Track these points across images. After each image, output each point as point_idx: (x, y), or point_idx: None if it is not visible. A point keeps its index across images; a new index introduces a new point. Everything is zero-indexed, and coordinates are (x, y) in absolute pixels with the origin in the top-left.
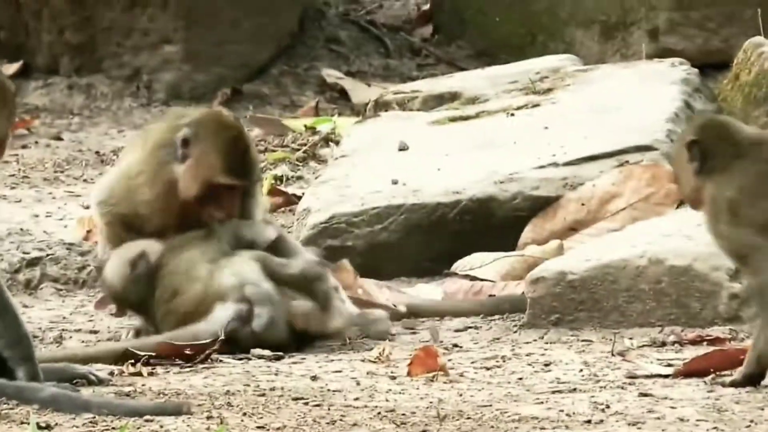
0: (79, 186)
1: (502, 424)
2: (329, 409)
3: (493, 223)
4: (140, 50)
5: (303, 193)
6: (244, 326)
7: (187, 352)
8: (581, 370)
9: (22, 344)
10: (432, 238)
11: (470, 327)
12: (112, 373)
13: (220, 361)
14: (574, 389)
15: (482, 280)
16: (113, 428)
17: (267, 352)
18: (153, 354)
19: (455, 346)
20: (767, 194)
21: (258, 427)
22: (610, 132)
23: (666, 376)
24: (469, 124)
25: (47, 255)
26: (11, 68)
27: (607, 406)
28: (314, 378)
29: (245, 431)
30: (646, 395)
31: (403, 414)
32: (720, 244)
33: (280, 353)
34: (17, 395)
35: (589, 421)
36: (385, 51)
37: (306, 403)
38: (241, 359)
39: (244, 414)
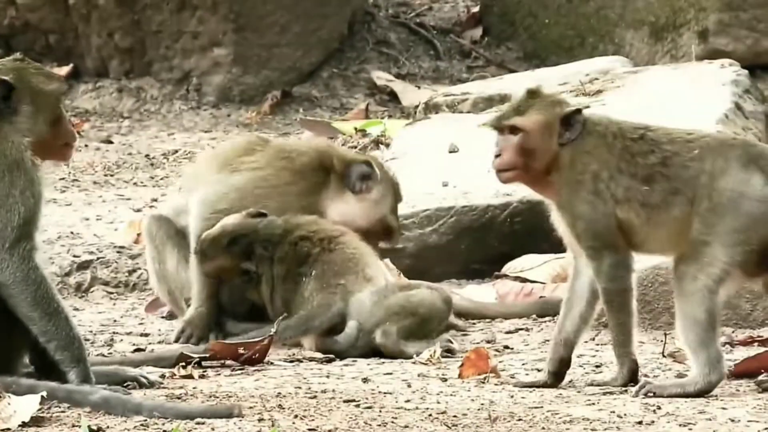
0: (129, 189)
1: (553, 426)
2: (380, 412)
3: (542, 225)
4: (190, 53)
5: None
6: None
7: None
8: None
9: (73, 347)
10: (482, 240)
11: (521, 329)
12: (163, 376)
13: (271, 363)
14: (625, 390)
15: (533, 282)
16: (164, 431)
17: (318, 355)
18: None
19: (506, 347)
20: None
21: (309, 429)
22: None
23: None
24: None
25: (97, 258)
26: (61, 72)
27: (658, 407)
28: (365, 380)
29: None
30: (709, 396)
31: (455, 416)
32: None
33: (331, 356)
34: (68, 398)
35: (640, 422)
36: (435, 53)
37: (357, 405)
38: (292, 362)
39: (296, 416)
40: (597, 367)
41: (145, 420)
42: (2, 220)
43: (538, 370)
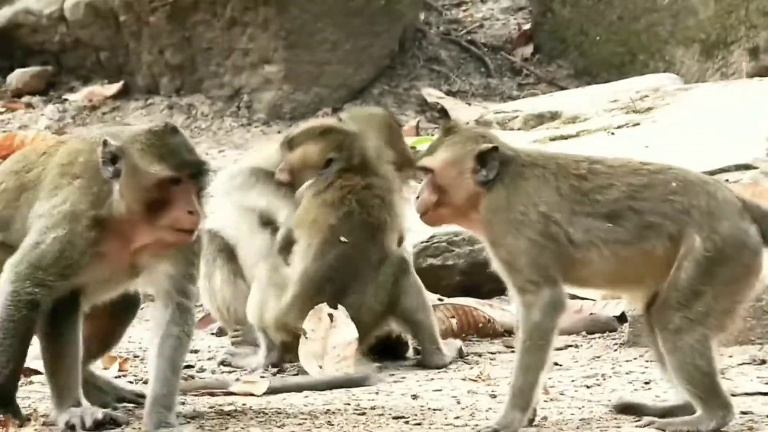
0: None
1: None
2: (430, 428)
3: None
4: (240, 70)
5: None
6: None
7: None
8: None
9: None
10: None
11: (570, 345)
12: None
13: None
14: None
15: (582, 298)
16: None
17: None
18: None
19: (555, 364)
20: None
21: None
22: (710, 150)
23: (766, 394)
24: (570, 143)
25: None
26: (112, 89)
27: None
28: (414, 397)
29: None
30: (745, 413)
31: None
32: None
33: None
34: None
35: None
36: (486, 70)
37: (406, 422)
38: None
39: None
40: (646, 383)
41: None
42: (33, 252)
43: (587, 387)
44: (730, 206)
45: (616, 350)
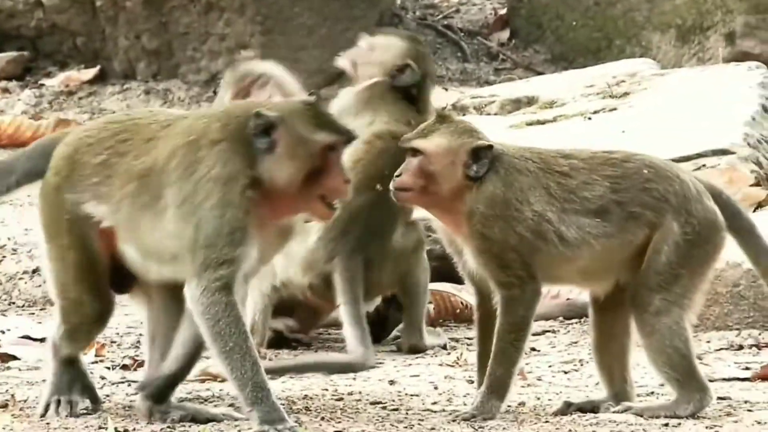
0: None
1: (579, 428)
2: (407, 413)
3: None
4: (217, 55)
5: None
6: None
7: None
8: None
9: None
10: None
11: (548, 331)
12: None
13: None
14: (652, 392)
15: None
16: None
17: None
18: None
19: (533, 349)
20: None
21: None
22: (687, 135)
23: (744, 380)
24: (547, 128)
25: None
26: (88, 74)
27: None
28: (392, 382)
29: None
30: (723, 398)
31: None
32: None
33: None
34: None
35: (666, 425)
36: (462, 55)
37: (384, 407)
38: None
39: (322, 418)
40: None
41: (172, 424)
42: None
43: (565, 372)
44: (698, 187)
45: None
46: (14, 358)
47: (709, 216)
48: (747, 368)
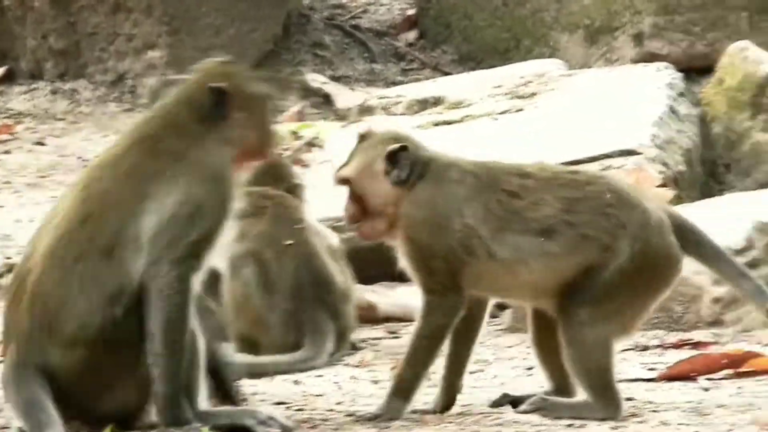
0: (63, 191)
1: (483, 429)
2: (312, 414)
3: None
4: (124, 55)
5: None
6: None
7: None
8: None
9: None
10: None
11: None
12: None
13: None
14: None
15: None
16: None
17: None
18: None
19: None
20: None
21: None
22: (594, 136)
23: (649, 380)
24: (454, 129)
25: None
26: None
27: None
28: (296, 382)
29: None
30: (628, 399)
31: None
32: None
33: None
34: None
35: (571, 425)
36: (370, 55)
37: (288, 408)
38: None
39: None
40: (528, 369)
41: None
42: (181, 232)
43: (470, 373)
44: (661, 220)
45: (498, 336)
46: None
47: (664, 249)
48: (652, 369)
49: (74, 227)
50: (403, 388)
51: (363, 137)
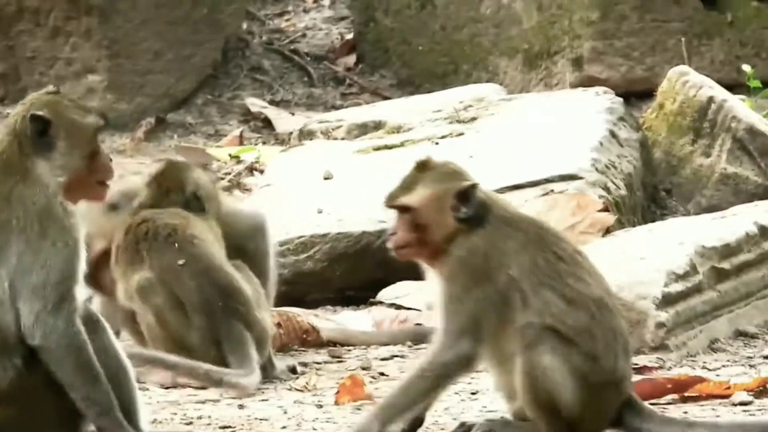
0: None
1: None
2: None
3: None
4: (64, 79)
5: None
6: None
7: None
8: None
9: (113, 412)
10: (357, 266)
11: (396, 356)
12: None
13: (147, 389)
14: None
15: (408, 309)
16: None
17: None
18: None
19: (382, 374)
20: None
21: None
22: (535, 161)
23: None
24: (394, 153)
25: None
26: None
27: None
28: (241, 407)
29: None
30: None
31: None
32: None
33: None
34: None
35: None
36: (309, 80)
37: (233, 431)
38: (167, 388)
39: None
40: (473, 394)
41: None
42: (39, 279)
43: None
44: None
45: None
46: None
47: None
48: None
49: None
50: (386, 412)
51: (422, 166)
